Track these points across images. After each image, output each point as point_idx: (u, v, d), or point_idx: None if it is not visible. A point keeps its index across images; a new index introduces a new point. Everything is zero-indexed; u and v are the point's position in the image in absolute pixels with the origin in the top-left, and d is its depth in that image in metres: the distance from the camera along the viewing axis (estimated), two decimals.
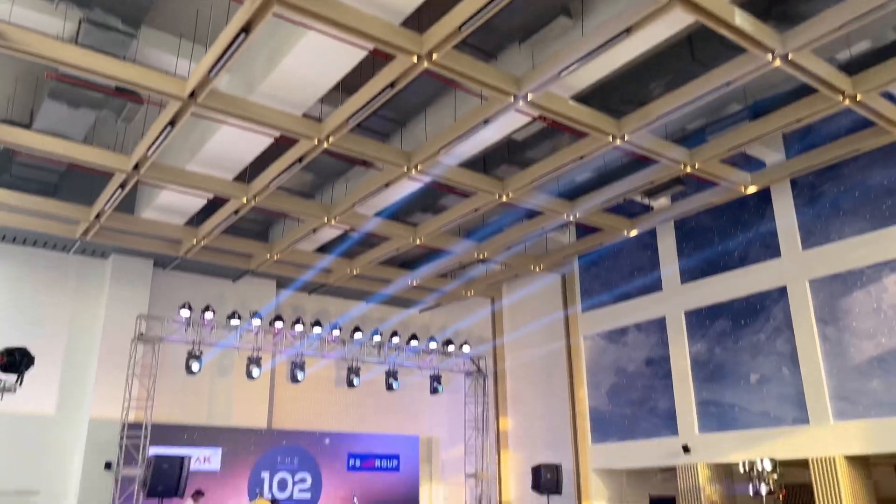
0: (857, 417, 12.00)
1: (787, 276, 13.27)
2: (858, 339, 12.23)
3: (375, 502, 16.61)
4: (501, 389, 18.66)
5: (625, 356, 16.08)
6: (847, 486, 12.09)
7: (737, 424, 13.68)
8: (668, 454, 14.59)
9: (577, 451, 16.39)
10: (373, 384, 17.67)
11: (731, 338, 14.08)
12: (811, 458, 12.40)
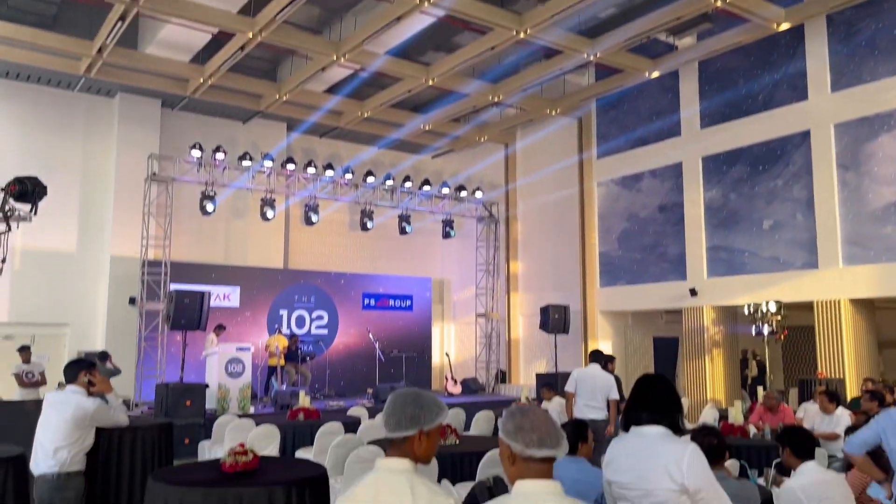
0: (867, 262, 12.07)
1: (813, 119, 12.84)
2: (878, 185, 12.03)
3: (390, 339, 17.33)
4: (513, 234, 18.83)
5: (638, 202, 16.01)
6: (849, 327, 12.40)
7: (745, 269, 13.84)
8: (675, 297, 14.92)
9: (586, 293, 16.79)
10: (386, 228, 17.86)
11: (747, 184, 13.90)
12: (816, 301, 12.64)
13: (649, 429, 2.86)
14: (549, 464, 2.14)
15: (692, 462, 2.72)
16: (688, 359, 14.89)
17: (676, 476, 2.70)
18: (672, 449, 2.77)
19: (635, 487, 2.78)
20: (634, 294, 15.86)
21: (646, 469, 2.76)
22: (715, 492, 2.75)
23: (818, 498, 4.04)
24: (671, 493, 2.70)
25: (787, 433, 4.38)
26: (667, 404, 2.91)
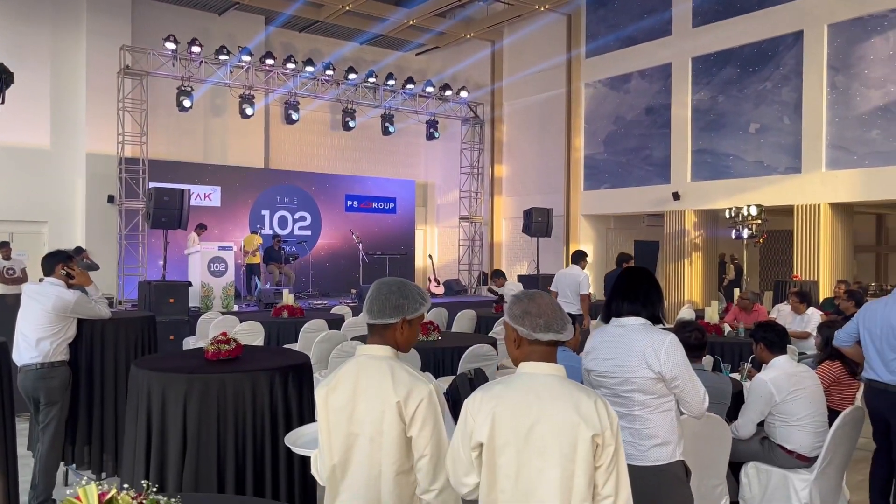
0: (850, 167, 12.09)
1: (807, 19, 12.51)
2: (867, 88, 11.88)
3: (374, 242, 17.36)
4: (498, 136, 18.57)
5: (625, 104, 15.76)
6: (826, 231, 12.57)
7: (729, 173, 13.83)
8: (658, 201, 14.96)
9: (569, 196, 16.77)
10: (368, 128, 17.53)
11: (736, 86, 13.68)
12: (796, 205, 12.73)
13: (629, 320, 2.93)
14: (554, 348, 2.16)
15: (670, 351, 2.79)
16: (668, 262, 15.11)
17: (654, 364, 2.78)
18: (651, 338, 2.83)
19: (614, 375, 2.87)
20: (617, 198, 15.87)
21: (625, 358, 2.84)
22: (690, 380, 2.84)
23: (787, 390, 4.18)
24: (648, 380, 2.79)
25: (761, 329, 4.48)
26: (647, 296, 2.96)
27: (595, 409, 1.97)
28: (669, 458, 2.84)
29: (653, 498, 2.81)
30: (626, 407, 2.85)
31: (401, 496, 2.30)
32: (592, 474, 1.97)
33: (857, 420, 4.26)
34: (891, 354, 4.23)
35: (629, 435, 2.84)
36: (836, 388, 4.70)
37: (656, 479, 2.81)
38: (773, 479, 4.21)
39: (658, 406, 2.83)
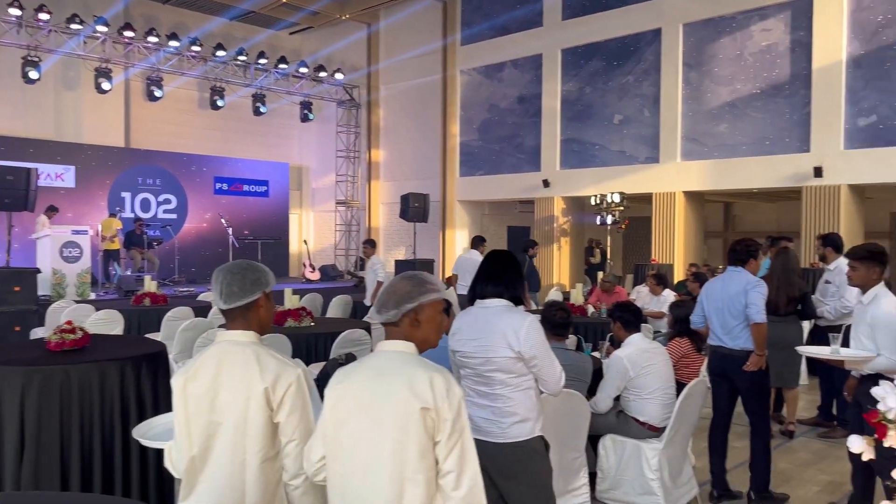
0: (701, 158, 13.01)
1: (664, 17, 13.28)
2: (716, 85, 12.80)
3: (245, 226, 16.77)
4: (374, 120, 18.45)
5: (499, 93, 16.11)
6: (681, 218, 13.47)
7: (595, 162, 14.50)
8: (530, 188, 15.44)
9: (446, 182, 16.96)
10: (238, 108, 16.87)
11: (602, 78, 14.32)
12: (655, 193, 13.55)
13: (492, 301, 3.01)
14: (397, 327, 2.17)
15: (529, 332, 2.90)
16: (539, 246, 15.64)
17: (514, 344, 2.88)
18: (511, 319, 2.93)
19: (476, 356, 2.94)
20: (492, 184, 16.24)
21: (487, 338, 2.92)
22: (549, 359, 2.95)
23: (641, 365, 4.44)
24: (508, 360, 2.89)
25: (618, 309, 4.74)
26: (509, 279, 3.04)
27: (430, 383, 1.99)
28: (529, 434, 2.95)
29: (514, 472, 2.94)
30: (489, 386, 2.94)
31: (266, 483, 2.25)
32: (427, 447, 1.98)
33: (701, 392, 4.60)
34: (732, 322, 4.65)
35: (491, 413, 2.93)
36: (684, 362, 5.06)
37: (516, 454, 2.93)
38: (627, 450, 4.47)
39: (518, 385, 2.92)
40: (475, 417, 2.95)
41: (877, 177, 11.22)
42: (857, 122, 11.32)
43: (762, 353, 4.57)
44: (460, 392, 2.03)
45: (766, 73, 12.21)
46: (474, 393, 3.00)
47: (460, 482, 1.98)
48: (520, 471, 2.94)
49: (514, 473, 2.94)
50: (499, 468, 2.96)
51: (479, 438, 2.82)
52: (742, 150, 12.50)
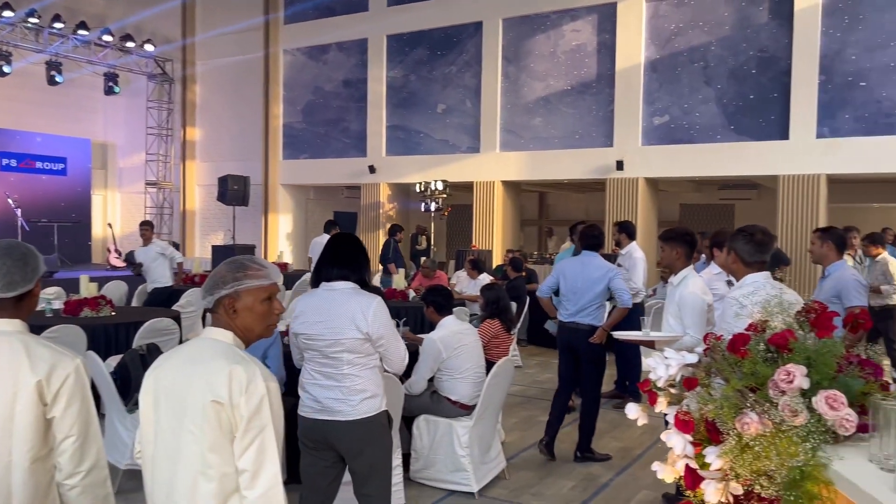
0: (518, 149, 13.64)
1: (485, 11, 13.72)
2: (532, 80, 13.47)
3: (38, 207, 15.11)
4: (190, 97, 17.35)
5: (324, 75, 15.81)
6: (500, 206, 14.06)
7: (420, 149, 14.70)
8: (355, 173, 15.34)
9: (268, 165, 16.39)
10: (30, 76, 15.11)
11: (426, 67, 14.53)
12: (476, 181, 14.02)
13: (339, 284, 3.07)
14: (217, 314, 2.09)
15: (377, 313, 3.01)
16: (365, 232, 15.61)
17: (362, 326, 2.98)
18: (359, 301, 3.02)
19: (324, 338, 3.01)
20: (316, 168, 15.93)
21: (335, 320, 2.99)
22: (395, 339, 3.11)
23: (453, 346, 4.57)
24: (356, 341, 2.99)
25: (430, 293, 4.84)
26: (356, 262, 3.11)
27: (228, 377, 1.89)
28: (378, 410, 3.08)
29: (362, 447, 3.04)
30: (336, 367, 3.02)
31: (37, 485, 2.02)
32: (221, 442, 1.90)
33: (509, 370, 4.82)
34: (588, 303, 5.14)
35: (340, 393, 3.02)
36: (495, 342, 5.28)
37: (365, 429, 3.03)
38: (440, 429, 4.58)
39: (366, 364, 3.04)
40: (322, 399, 3.03)
41: (668, 171, 12.41)
42: (652, 121, 12.43)
43: (608, 329, 5.01)
44: (264, 389, 1.92)
45: (575, 71, 13.04)
46: (320, 375, 3.05)
47: (255, 482, 1.90)
48: (368, 445, 3.04)
49: (362, 449, 3.04)
50: (348, 445, 3.05)
51: (328, 419, 3.03)
52: (555, 142, 13.27)
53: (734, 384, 2.15)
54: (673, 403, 2.49)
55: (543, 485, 4.74)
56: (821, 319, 2.25)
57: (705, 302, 3.98)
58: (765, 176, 12.01)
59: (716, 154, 11.77)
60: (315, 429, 3.07)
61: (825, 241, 4.54)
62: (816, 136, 11.05)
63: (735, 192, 16.05)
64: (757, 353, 2.24)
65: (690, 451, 2.38)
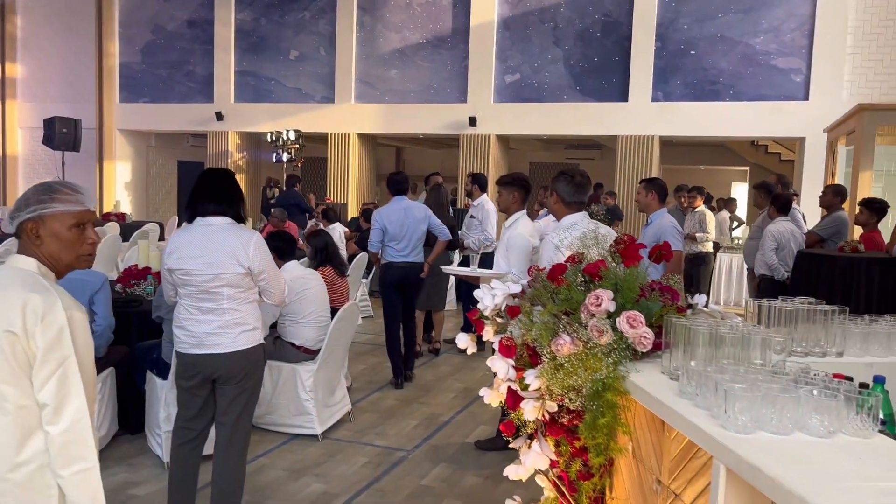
0: (374, 101, 13.49)
1: None
2: (388, 31, 13.30)
3: None
4: (10, 29, 15.53)
5: (165, 13, 14.70)
6: (355, 159, 13.91)
7: (271, 97, 14.15)
8: (202, 121, 14.52)
9: (102, 108, 15.10)
10: None
11: (278, 11, 13.91)
12: (330, 133, 13.75)
13: (216, 219, 3.06)
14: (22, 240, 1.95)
15: (257, 247, 3.06)
16: None
17: (243, 260, 3.01)
18: (239, 236, 3.04)
19: (203, 273, 3.00)
20: (158, 113, 14.91)
21: (213, 255, 2.99)
22: (274, 273, 3.18)
23: (296, 291, 4.51)
24: (237, 275, 3.02)
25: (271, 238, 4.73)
26: (232, 197, 3.11)
27: (23, 306, 1.77)
28: (257, 342, 3.16)
29: (240, 379, 3.11)
30: (216, 302, 3.04)
31: None
32: (15, 374, 1.77)
33: (353, 315, 4.85)
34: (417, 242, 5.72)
35: (219, 327, 3.05)
36: (331, 289, 5.25)
37: (245, 361, 3.10)
38: (283, 374, 4.54)
39: (245, 298, 3.09)
40: (199, 334, 3.05)
41: (518, 129, 12.81)
42: (504, 79, 12.72)
43: (431, 262, 5.81)
44: (63, 319, 1.80)
45: (431, 24, 13.01)
46: (197, 310, 3.06)
47: (58, 417, 1.78)
48: (247, 377, 3.12)
49: (240, 379, 3.11)
50: (229, 375, 3.09)
51: (206, 353, 3.06)
52: (410, 96, 13.25)
53: (550, 308, 2.30)
54: (499, 332, 2.63)
55: (387, 425, 4.85)
56: (628, 250, 2.44)
57: (531, 244, 4.21)
58: (606, 136, 12.71)
59: (562, 113, 12.28)
60: (193, 364, 3.08)
61: (650, 191, 4.91)
62: (652, 99, 11.82)
63: (580, 152, 16.88)
64: (574, 281, 2.40)
65: (513, 375, 2.53)
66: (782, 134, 11.75)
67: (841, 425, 1.58)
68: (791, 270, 5.53)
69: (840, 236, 6.07)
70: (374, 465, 4.15)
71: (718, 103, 11.49)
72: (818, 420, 1.58)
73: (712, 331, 1.93)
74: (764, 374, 1.73)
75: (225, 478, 3.19)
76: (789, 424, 1.58)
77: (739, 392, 1.59)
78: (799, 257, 5.44)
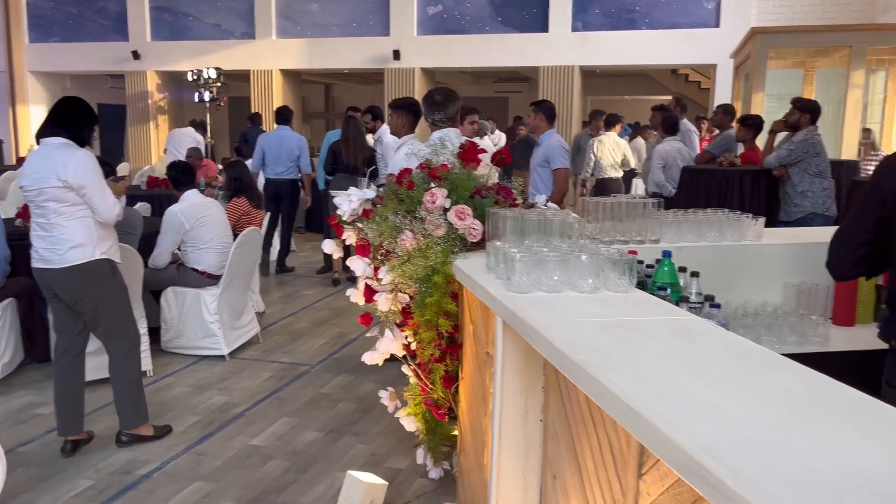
0: (296, 36, 13.25)
1: None
2: None
3: None
4: None
5: None
6: (279, 97, 13.71)
7: (189, 34, 13.74)
8: (118, 60, 14.03)
9: (11, 49, 14.42)
10: None
11: None
12: (252, 70, 13.49)
13: (52, 140, 3.24)
14: None
15: (79, 163, 3.17)
16: (134, 125, 14.55)
17: (62, 174, 3.14)
18: (65, 153, 3.19)
19: (33, 188, 3.21)
20: (71, 53, 14.33)
21: (42, 171, 3.18)
22: (100, 190, 3.24)
23: (195, 217, 4.63)
24: (59, 189, 3.17)
25: (171, 168, 4.82)
26: (69, 119, 3.27)
27: None
28: (89, 258, 3.25)
29: (81, 292, 3.28)
30: (45, 217, 3.22)
31: None
32: None
33: (255, 238, 5.00)
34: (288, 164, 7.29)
35: (49, 242, 3.23)
36: (246, 220, 5.37)
37: (77, 276, 3.25)
38: (188, 299, 4.69)
39: (73, 214, 3.21)
40: (40, 248, 3.26)
41: (442, 62, 12.81)
42: (427, 11, 12.64)
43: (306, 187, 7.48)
44: None
45: None
46: (37, 226, 3.27)
47: None
48: (86, 290, 3.28)
49: (82, 293, 3.27)
50: (66, 290, 3.28)
51: (44, 267, 3.26)
52: (333, 30, 13.06)
53: (391, 207, 2.52)
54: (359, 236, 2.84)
55: (295, 345, 5.08)
56: (468, 153, 2.66)
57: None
58: (528, 67, 12.84)
59: (485, 45, 12.33)
60: (41, 277, 3.31)
61: (538, 113, 5.13)
62: (571, 29, 11.96)
63: (509, 85, 16.98)
64: (420, 184, 2.62)
65: (370, 272, 2.76)
66: (696, 61, 12.08)
67: (604, 284, 1.86)
68: (677, 187, 5.88)
69: (731, 153, 6.44)
70: (278, 379, 4.39)
71: (635, 32, 11.71)
72: (585, 280, 1.85)
73: (517, 217, 2.18)
74: (550, 248, 1.98)
75: (117, 388, 3.41)
76: (561, 284, 1.85)
77: (519, 258, 1.84)
78: (683, 173, 5.79)
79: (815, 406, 1.09)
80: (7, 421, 3.73)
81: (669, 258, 2.24)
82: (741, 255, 2.74)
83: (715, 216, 2.77)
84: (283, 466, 3.25)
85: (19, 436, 3.55)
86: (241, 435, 3.59)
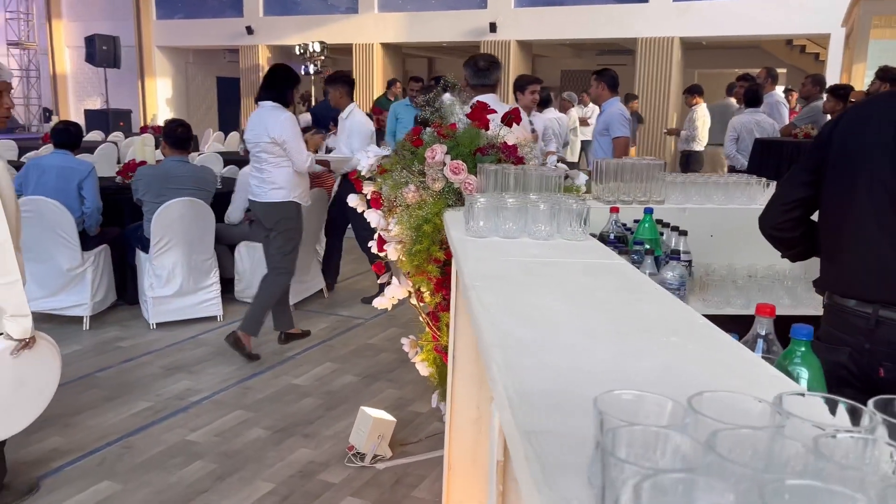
0: (396, 10, 13.57)
1: None
2: None
3: None
4: None
5: None
6: (380, 70, 14.12)
7: (298, 10, 14.38)
8: (233, 35, 14.91)
9: (140, 25, 15.65)
10: None
11: None
12: (355, 44, 13.96)
13: (266, 103, 4.13)
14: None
15: (284, 124, 4.07)
16: (246, 97, 15.43)
17: (271, 132, 4.05)
18: (274, 115, 4.09)
19: (252, 141, 4.19)
20: (193, 29, 15.36)
21: (258, 128, 4.12)
22: (296, 145, 4.13)
23: None
24: (268, 144, 4.09)
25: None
26: (273, 83, 4.14)
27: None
28: (284, 199, 4.19)
29: (273, 223, 4.22)
30: (259, 163, 4.18)
31: None
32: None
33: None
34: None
35: (259, 181, 4.20)
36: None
37: (274, 210, 4.19)
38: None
39: (277, 163, 4.13)
40: (252, 186, 4.26)
41: (539, 34, 12.73)
42: None
43: None
44: None
45: None
46: (254, 169, 4.23)
47: None
48: (276, 223, 4.22)
49: (274, 223, 4.22)
50: (264, 219, 4.25)
51: (252, 199, 4.28)
52: (431, 3, 13.27)
53: (394, 160, 2.70)
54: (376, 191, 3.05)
55: (355, 301, 5.39)
56: (476, 113, 2.79)
57: (369, 128, 5.18)
58: (627, 39, 12.53)
59: (582, 16, 12.14)
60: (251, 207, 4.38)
61: (599, 82, 5.12)
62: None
63: (612, 58, 16.53)
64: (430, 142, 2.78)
65: (383, 224, 2.96)
66: (804, 31, 11.37)
67: (558, 232, 1.96)
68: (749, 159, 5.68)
69: (817, 125, 6.13)
70: (331, 329, 4.77)
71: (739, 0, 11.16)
72: (539, 227, 1.96)
73: (498, 171, 2.30)
74: (518, 199, 2.10)
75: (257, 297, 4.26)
76: (517, 231, 1.97)
77: (479, 205, 1.98)
78: (755, 145, 5.58)
79: (652, 325, 1.18)
80: (93, 350, 4.25)
81: (650, 215, 2.30)
82: (749, 218, 2.71)
83: (722, 180, 2.76)
84: (316, 403, 3.55)
85: (100, 363, 4.05)
86: (287, 375, 3.92)
